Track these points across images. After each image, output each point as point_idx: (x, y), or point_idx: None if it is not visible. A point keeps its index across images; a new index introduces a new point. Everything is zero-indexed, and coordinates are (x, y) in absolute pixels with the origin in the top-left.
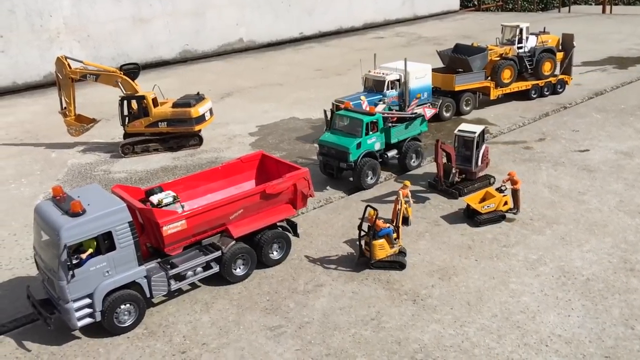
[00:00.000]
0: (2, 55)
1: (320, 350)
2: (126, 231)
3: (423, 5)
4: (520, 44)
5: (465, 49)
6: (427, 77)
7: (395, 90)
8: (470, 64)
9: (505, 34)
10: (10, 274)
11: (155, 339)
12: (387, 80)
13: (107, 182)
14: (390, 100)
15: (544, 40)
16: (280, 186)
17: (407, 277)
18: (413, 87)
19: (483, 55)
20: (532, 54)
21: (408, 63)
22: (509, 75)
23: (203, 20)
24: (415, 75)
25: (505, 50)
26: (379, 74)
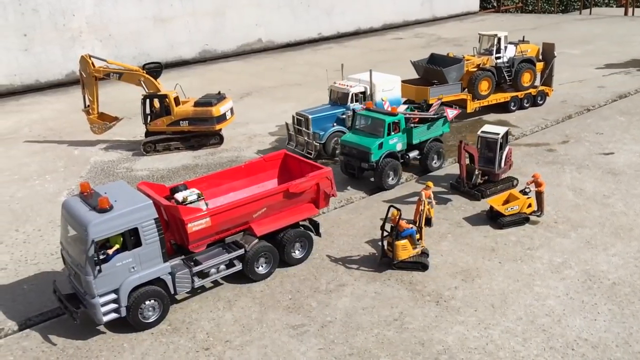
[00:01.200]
0: (25, 53)
1: (343, 350)
2: (152, 228)
3: (442, 6)
4: (499, 53)
5: (441, 60)
6: (395, 90)
7: (360, 103)
8: (446, 75)
9: (482, 44)
10: (35, 269)
11: (179, 335)
12: (350, 92)
13: (130, 180)
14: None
15: (523, 49)
16: (304, 185)
17: (430, 278)
18: (379, 100)
19: (459, 66)
20: (511, 64)
21: (375, 74)
22: (486, 87)
23: (223, 21)
24: (382, 88)
25: (483, 61)
26: (343, 85)
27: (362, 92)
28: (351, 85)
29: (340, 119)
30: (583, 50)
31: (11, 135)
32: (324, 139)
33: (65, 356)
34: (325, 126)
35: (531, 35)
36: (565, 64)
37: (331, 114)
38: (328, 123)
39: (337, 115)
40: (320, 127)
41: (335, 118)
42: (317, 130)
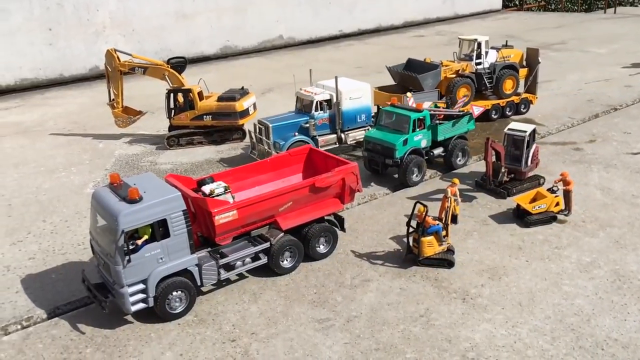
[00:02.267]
0: (50, 48)
1: (369, 345)
2: (180, 219)
3: (464, 4)
4: (479, 59)
5: (419, 65)
6: (364, 98)
7: (325, 111)
8: (421, 82)
9: (463, 49)
10: (63, 259)
11: (205, 327)
12: (315, 100)
13: (155, 173)
14: (320, 123)
15: (505, 55)
16: (330, 180)
17: (456, 275)
18: (347, 108)
19: (435, 72)
20: (492, 70)
21: (343, 81)
22: (465, 94)
23: (244, 17)
24: (349, 96)
25: (462, 67)
26: (309, 92)
27: (326, 100)
28: (316, 93)
29: (303, 128)
30: (609, 49)
31: (37, 128)
32: (285, 149)
33: (93, 345)
34: (287, 135)
35: (556, 34)
36: (591, 63)
37: (293, 123)
38: (290, 132)
39: (300, 123)
40: (281, 136)
41: (298, 127)
42: (278, 140)
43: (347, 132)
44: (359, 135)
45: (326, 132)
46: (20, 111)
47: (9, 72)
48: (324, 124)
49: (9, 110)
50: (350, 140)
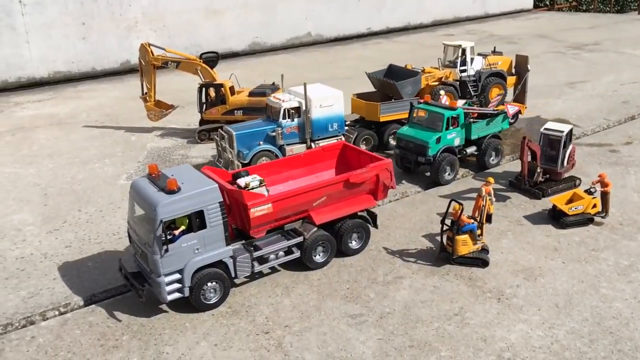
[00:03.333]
0: (83, 42)
1: (403, 342)
2: (217, 211)
3: (495, 3)
4: (464, 66)
5: (400, 72)
6: (336, 106)
7: (293, 120)
8: (399, 89)
9: (447, 55)
10: (99, 248)
11: (239, 318)
12: (282, 108)
13: None
14: (288, 131)
15: (492, 62)
16: (364, 176)
17: (491, 275)
18: (317, 116)
19: (415, 80)
20: (478, 78)
21: (314, 88)
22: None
23: (273, 14)
24: (320, 104)
25: (446, 74)
26: (277, 99)
27: (295, 108)
28: (284, 100)
29: (269, 137)
30: None
31: (70, 120)
32: (248, 159)
33: (130, 332)
34: (252, 144)
35: (589, 35)
36: (626, 64)
37: (259, 131)
38: (255, 141)
39: (266, 132)
40: (245, 145)
41: (265, 135)
42: (242, 149)
43: (318, 142)
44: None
45: (295, 142)
46: (54, 103)
47: (43, 65)
48: (293, 132)
49: (43, 102)
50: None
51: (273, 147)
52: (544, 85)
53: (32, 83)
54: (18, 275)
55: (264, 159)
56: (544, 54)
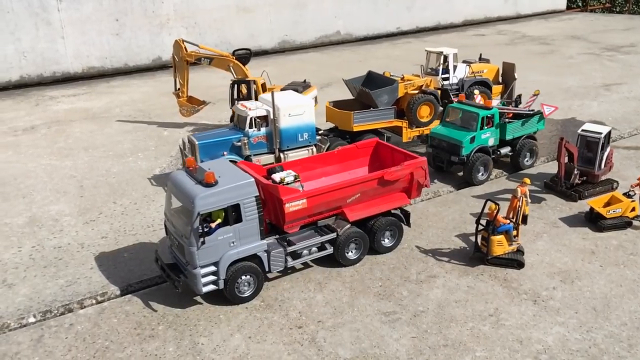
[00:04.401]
0: (116, 38)
1: (437, 340)
2: (253, 205)
3: (527, 3)
4: (446, 74)
5: (379, 79)
6: (307, 114)
7: (259, 129)
8: (374, 98)
9: (429, 62)
10: (134, 239)
11: (272, 312)
12: (249, 116)
13: None
14: (255, 141)
15: (476, 70)
16: (398, 173)
17: (526, 276)
18: (285, 126)
19: (391, 88)
20: (461, 86)
21: (284, 96)
22: (427, 113)
23: (303, 12)
24: (289, 112)
25: (426, 82)
26: (244, 107)
27: (263, 116)
28: (250, 108)
29: (235, 147)
30: None
31: (104, 114)
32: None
33: (165, 322)
34: (216, 154)
35: (624, 36)
36: None
37: (224, 140)
38: (220, 151)
39: (232, 141)
40: (209, 156)
41: (230, 145)
42: (206, 159)
43: (287, 152)
44: (301, 156)
45: (263, 152)
46: (87, 98)
47: (78, 60)
48: (260, 142)
49: (77, 96)
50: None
51: (239, 157)
52: (579, 87)
53: (67, 78)
54: (56, 264)
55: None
56: (578, 55)
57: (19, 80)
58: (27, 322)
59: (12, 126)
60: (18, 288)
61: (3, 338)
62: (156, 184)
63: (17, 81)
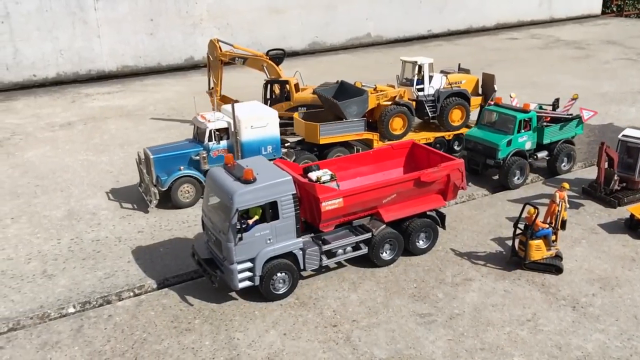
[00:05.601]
0: (151, 37)
1: (474, 344)
2: (290, 202)
3: (561, 8)
4: (421, 85)
5: (350, 90)
6: (271, 126)
7: (217, 142)
8: (343, 110)
9: (405, 72)
10: (169, 234)
11: (306, 310)
12: (208, 129)
13: None
14: (215, 155)
15: (453, 81)
16: (435, 175)
17: (565, 282)
18: (247, 138)
19: (361, 99)
20: (437, 98)
21: (246, 107)
22: (400, 125)
23: (334, 13)
24: (251, 124)
25: (400, 93)
26: (203, 119)
27: (223, 129)
28: (210, 120)
29: (193, 160)
30: None
31: (138, 112)
32: (166, 186)
33: (201, 316)
34: (172, 169)
35: None
36: None
37: (182, 154)
38: (176, 165)
39: (189, 155)
40: (165, 170)
41: (188, 159)
42: (161, 174)
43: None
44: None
45: None
46: (122, 96)
47: (113, 58)
48: (221, 156)
49: (112, 94)
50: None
51: (197, 172)
52: (616, 92)
53: (102, 76)
54: (94, 257)
55: (186, 185)
56: (614, 61)
57: (55, 77)
58: (67, 313)
59: (50, 122)
60: (58, 279)
61: (44, 327)
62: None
63: (54, 78)
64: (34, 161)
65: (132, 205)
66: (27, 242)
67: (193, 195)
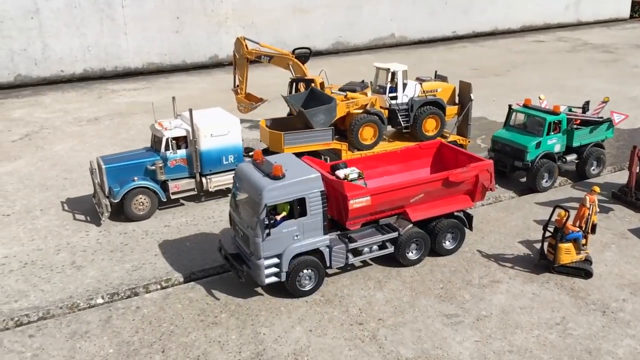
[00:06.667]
0: (176, 35)
1: (502, 346)
2: (318, 199)
3: (589, 11)
4: (394, 92)
5: (321, 97)
6: (232, 135)
7: (174, 151)
8: (309, 118)
9: (378, 79)
10: (195, 229)
11: (332, 307)
12: (165, 137)
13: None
14: (173, 164)
15: (428, 89)
16: (464, 175)
17: (594, 286)
18: (207, 147)
19: (328, 107)
20: (410, 107)
21: (207, 114)
22: (370, 135)
23: (358, 14)
24: (210, 132)
25: (371, 101)
26: (161, 127)
27: (182, 137)
28: (166, 128)
29: (149, 171)
30: None
31: (163, 108)
32: (119, 198)
33: (227, 310)
34: (126, 179)
35: None
36: None
37: (136, 164)
38: (130, 175)
39: (145, 165)
40: (118, 180)
41: (143, 169)
42: (113, 184)
43: (210, 177)
44: (226, 181)
45: (182, 176)
46: (147, 92)
47: (138, 55)
48: (179, 166)
49: (138, 90)
50: (213, 186)
51: (152, 183)
52: None
53: (127, 72)
54: (122, 249)
55: (140, 197)
56: None
57: (82, 73)
58: (96, 303)
59: (77, 117)
60: (86, 270)
61: (73, 317)
62: None
63: (81, 74)
64: (62, 155)
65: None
66: (56, 234)
67: (148, 207)
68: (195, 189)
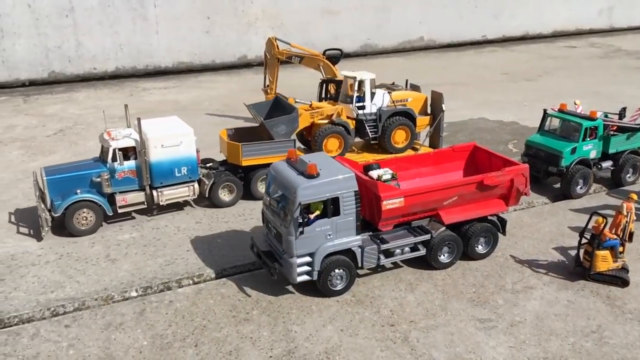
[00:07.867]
0: (206, 35)
1: (536, 352)
2: (352, 199)
3: (622, 17)
4: (361, 102)
5: (285, 107)
6: (185, 145)
7: (121, 163)
8: (269, 129)
9: (346, 88)
10: (226, 226)
11: (363, 308)
12: (111, 147)
13: None
14: (121, 176)
15: (397, 99)
16: (498, 179)
17: (631, 295)
18: (157, 159)
19: (289, 118)
20: (378, 117)
21: (160, 123)
22: (336, 147)
23: (387, 16)
24: (161, 143)
25: (337, 111)
26: (108, 137)
27: (131, 147)
28: (114, 138)
29: (95, 183)
30: None
31: (193, 107)
32: (60, 211)
33: (259, 307)
34: (69, 191)
35: None
36: None
37: (81, 175)
38: (73, 187)
39: (90, 176)
40: (61, 193)
41: (88, 181)
42: (55, 197)
43: (162, 190)
44: (179, 194)
45: (132, 189)
46: (177, 91)
47: (169, 54)
48: (128, 178)
49: (168, 89)
50: (165, 200)
51: (98, 196)
52: None
53: (158, 71)
54: (155, 244)
55: (83, 211)
56: None
57: (114, 71)
58: (130, 296)
59: (109, 114)
60: (120, 263)
61: (108, 309)
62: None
63: (113, 72)
64: (95, 150)
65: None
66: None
67: (92, 221)
68: (145, 202)
